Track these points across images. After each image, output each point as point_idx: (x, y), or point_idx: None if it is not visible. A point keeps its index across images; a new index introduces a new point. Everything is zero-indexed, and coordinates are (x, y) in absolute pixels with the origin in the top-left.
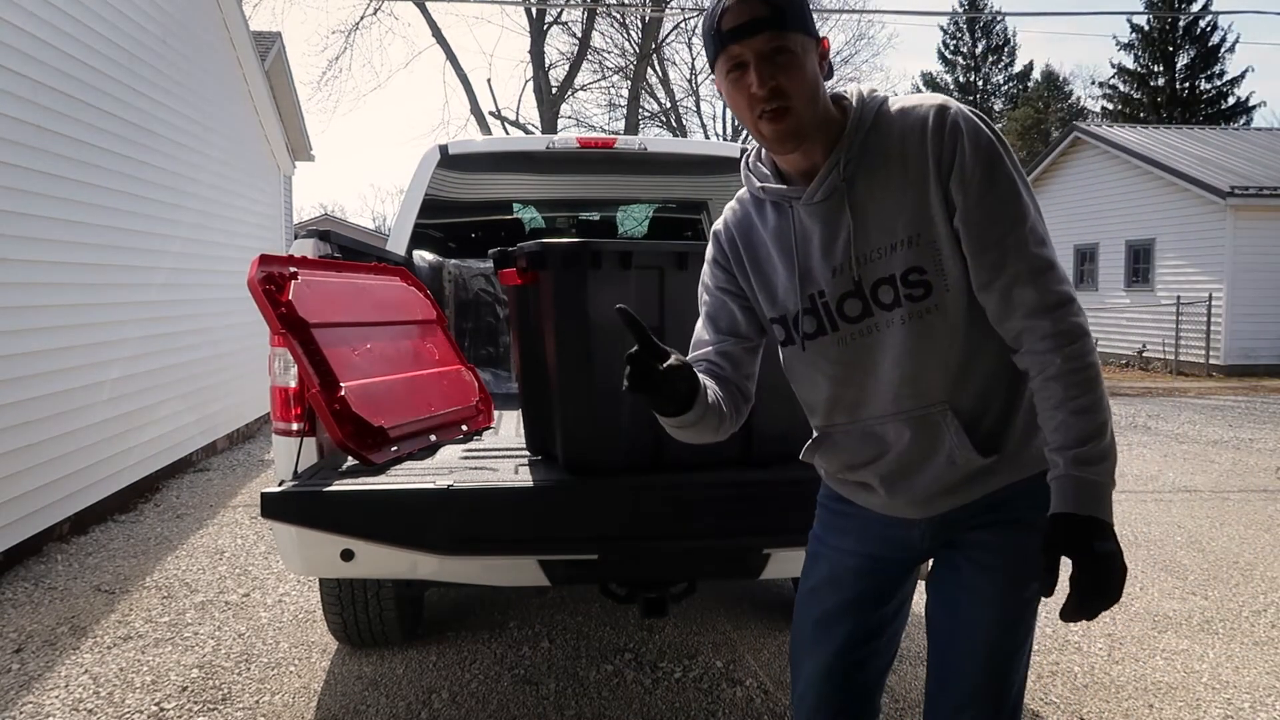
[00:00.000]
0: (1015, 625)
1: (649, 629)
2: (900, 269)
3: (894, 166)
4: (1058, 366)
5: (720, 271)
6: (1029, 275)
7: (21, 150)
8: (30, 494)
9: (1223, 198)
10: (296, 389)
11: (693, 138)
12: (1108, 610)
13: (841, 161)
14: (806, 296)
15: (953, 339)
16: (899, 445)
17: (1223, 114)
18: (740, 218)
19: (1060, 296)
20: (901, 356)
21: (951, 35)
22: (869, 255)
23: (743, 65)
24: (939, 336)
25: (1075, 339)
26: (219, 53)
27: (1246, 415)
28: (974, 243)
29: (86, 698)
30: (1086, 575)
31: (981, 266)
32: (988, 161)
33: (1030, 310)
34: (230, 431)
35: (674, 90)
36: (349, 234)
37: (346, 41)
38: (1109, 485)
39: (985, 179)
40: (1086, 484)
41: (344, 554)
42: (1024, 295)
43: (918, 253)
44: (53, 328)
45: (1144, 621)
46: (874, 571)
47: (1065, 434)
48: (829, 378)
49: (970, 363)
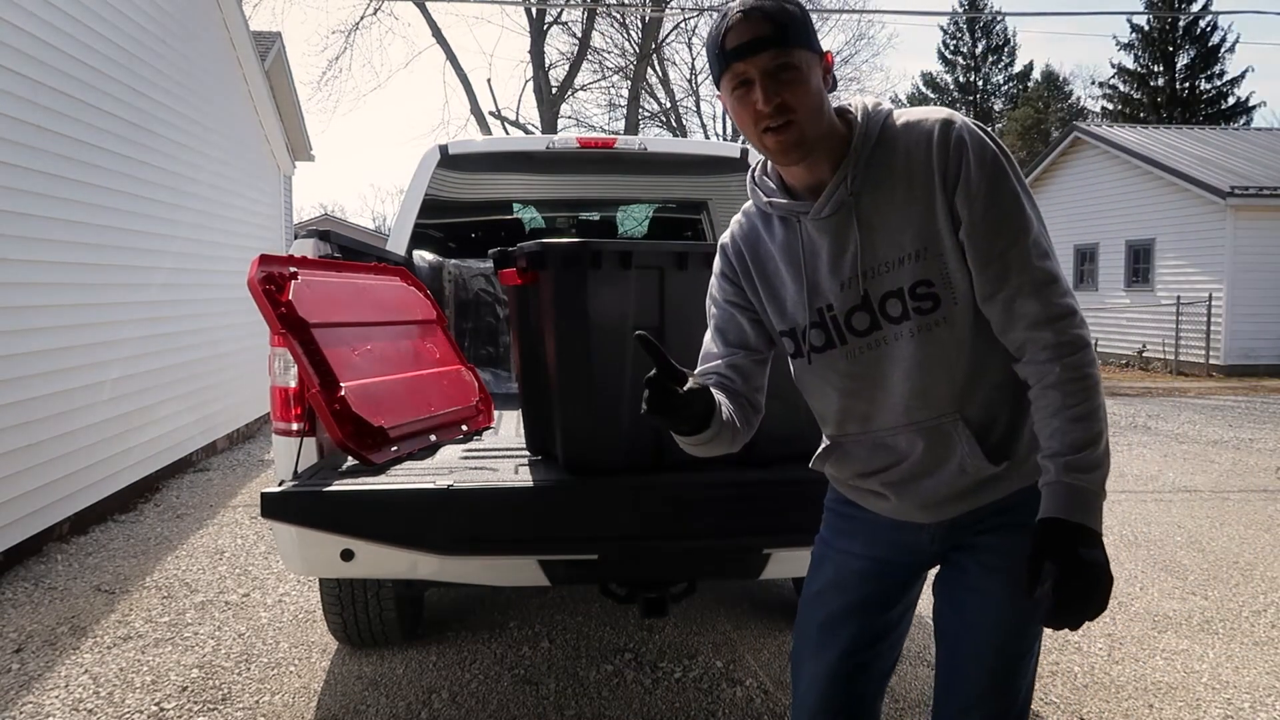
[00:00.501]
0: (1023, 628)
1: (649, 629)
2: (908, 282)
3: (900, 181)
4: (1057, 375)
5: (728, 284)
6: (1032, 288)
7: (21, 150)
8: (30, 494)
9: (1223, 198)
10: (296, 389)
11: (693, 138)
12: (1093, 620)
13: (849, 176)
14: (815, 310)
15: (961, 350)
16: (912, 455)
17: (1223, 114)
18: (747, 231)
19: (1062, 309)
20: (911, 369)
21: (951, 35)
22: (877, 269)
23: (748, 83)
24: (948, 348)
25: (1076, 350)
26: (219, 53)
27: (1246, 415)
28: (978, 256)
29: (86, 698)
30: (1071, 582)
31: (985, 279)
32: (992, 176)
33: (1032, 322)
34: (230, 431)
35: (674, 90)
36: (349, 234)
37: (346, 41)
38: (1100, 494)
39: (990, 193)
40: (1077, 490)
41: (344, 554)
42: (1027, 307)
43: (925, 266)
44: (53, 328)
45: (1144, 621)
46: (880, 575)
47: (1060, 440)
48: (838, 390)
49: (978, 373)
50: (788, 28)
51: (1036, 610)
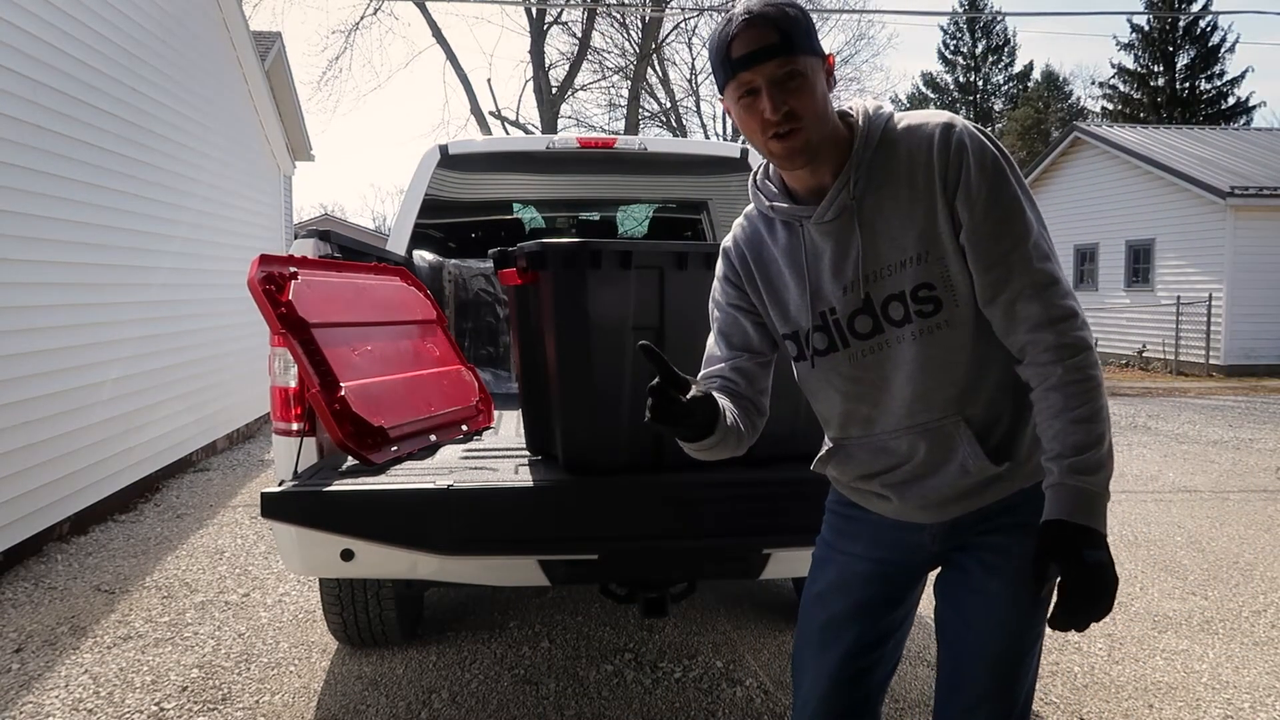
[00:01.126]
0: (1025, 629)
1: (649, 629)
2: (910, 285)
3: (901, 185)
4: (1059, 377)
5: (731, 288)
6: (1033, 290)
7: (21, 150)
8: (30, 494)
9: (1223, 198)
10: (296, 389)
11: (693, 138)
12: (1099, 621)
13: (851, 180)
14: (818, 314)
15: (963, 353)
16: (914, 457)
17: (1223, 114)
18: (750, 234)
19: (1064, 311)
20: (914, 372)
21: (951, 35)
22: (879, 273)
23: (755, 91)
24: (950, 351)
25: (1078, 352)
26: (219, 53)
27: (1246, 415)
28: (979, 259)
29: (86, 698)
30: (1076, 584)
31: (987, 282)
32: (993, 179)
33: (1034, 324)
34: (230, 431)
35: (674, 90)
36: (349, 234)
37: (346, 41)
38: (1103, 496)
39: (990, 197)
40: (1081, 492)
41: (344, 554)
42: (1028, 310)
43: (927, 269)
44: (53, 328)
45: (1144, 621)
46: (884, 577)
47: (1062, 442)
48: (841, 393)
49: (981, 375)
50: (792, 35)
51: (1038, 611)
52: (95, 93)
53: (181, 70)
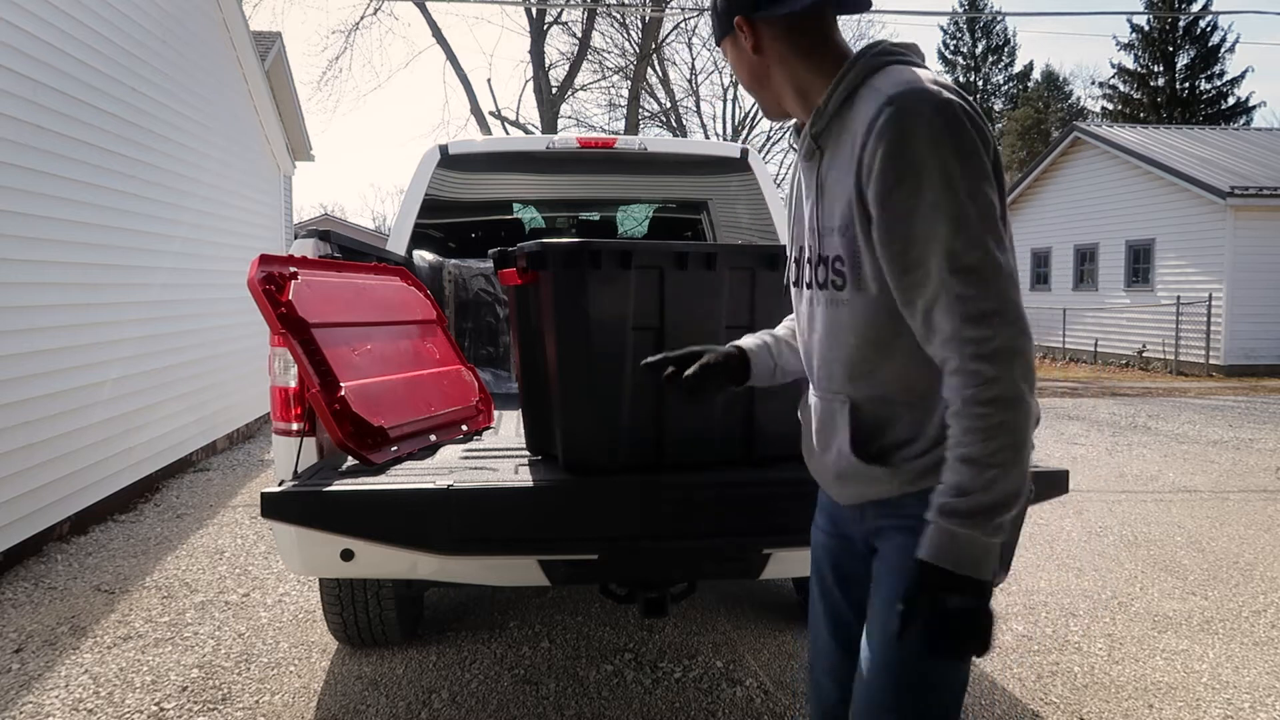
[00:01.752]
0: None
1: (649, 629)
2: (832, 254)
3: (845, 150)
4: (957, 408)
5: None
6: (946, 303)
7: (21, 150)
8: (30, 494)
9: (1223, 198)
10: (296, 389)
11: (693, 138)
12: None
13: (808, 125)
14: (797, 246)
15: (853, 336)
16: (814, 421)
17: (1223, 114)
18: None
19: (976, 331)
20: (823, 336)
21: (951, 35)
22: (822, 230)
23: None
24: (843, 331)
25: (981, 381)
26: (219, 53)
27: (1246, 415)
28: (890, 262)
29: (86, 698)
30: (931, 627)
31: (898, 287)
32: (905, 176)
33: (944, 339)
34: (230, 431)
35: (674, 90)
36: (349, 234)
37: (346, 41)
38: (977, 539)
39: (902, 197)
40: (951, 535)
41: (344, 554)
42: (939, 322)
43: (846, 243)
44: (53, 328)
45: (1144, 621)
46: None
47: (946, 479)
48: (801, 331)
49: (869, 369)
50: (714, 25)
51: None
52: (95, 93)
53: (181, 70)
